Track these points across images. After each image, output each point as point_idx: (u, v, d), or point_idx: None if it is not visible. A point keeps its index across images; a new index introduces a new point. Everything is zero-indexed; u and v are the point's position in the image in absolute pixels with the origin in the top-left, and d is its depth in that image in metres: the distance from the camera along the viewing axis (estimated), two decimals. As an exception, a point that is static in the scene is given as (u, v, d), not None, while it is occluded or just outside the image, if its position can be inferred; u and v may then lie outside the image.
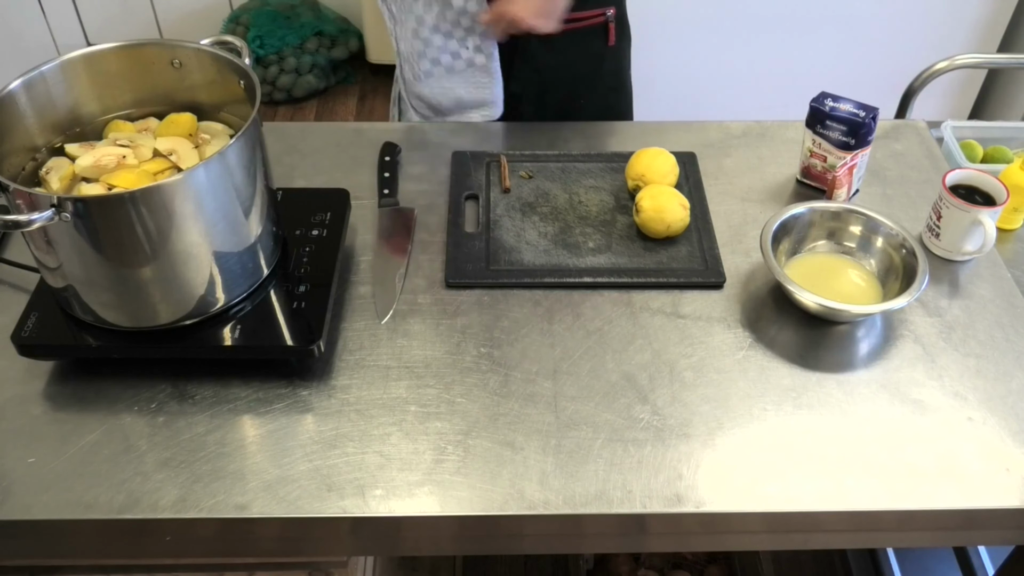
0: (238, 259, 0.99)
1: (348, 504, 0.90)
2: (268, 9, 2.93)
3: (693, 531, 0.94)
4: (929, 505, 0.91)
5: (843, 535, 0.97)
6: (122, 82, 1.05)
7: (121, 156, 0.99)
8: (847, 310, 1.05)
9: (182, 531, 0.90)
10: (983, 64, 2.07)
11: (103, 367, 1.01)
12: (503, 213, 1.22)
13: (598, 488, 0.91)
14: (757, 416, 0.98)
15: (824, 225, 1.16)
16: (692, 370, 1.02)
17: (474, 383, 1.01)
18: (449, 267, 1.13)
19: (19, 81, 0.97)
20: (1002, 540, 1.06)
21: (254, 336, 0.99)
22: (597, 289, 1.12)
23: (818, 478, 0.92)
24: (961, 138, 1.45)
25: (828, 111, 1.21)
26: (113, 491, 0.90)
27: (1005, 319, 1.09)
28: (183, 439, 0.95)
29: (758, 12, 2.49)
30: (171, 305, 0.97)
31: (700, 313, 1.09)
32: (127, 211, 0.88)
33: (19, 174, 0.99)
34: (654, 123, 1.44)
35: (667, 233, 1.16)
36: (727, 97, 2.65)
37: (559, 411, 0.98)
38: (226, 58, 1.02)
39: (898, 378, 1.02)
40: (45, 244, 0.91)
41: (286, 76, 2.93)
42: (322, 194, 1.17)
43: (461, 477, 0.92)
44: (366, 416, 0.97)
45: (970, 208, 1.12)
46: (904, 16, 2.50)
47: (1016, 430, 0.97)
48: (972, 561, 1.40)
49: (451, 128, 1.40)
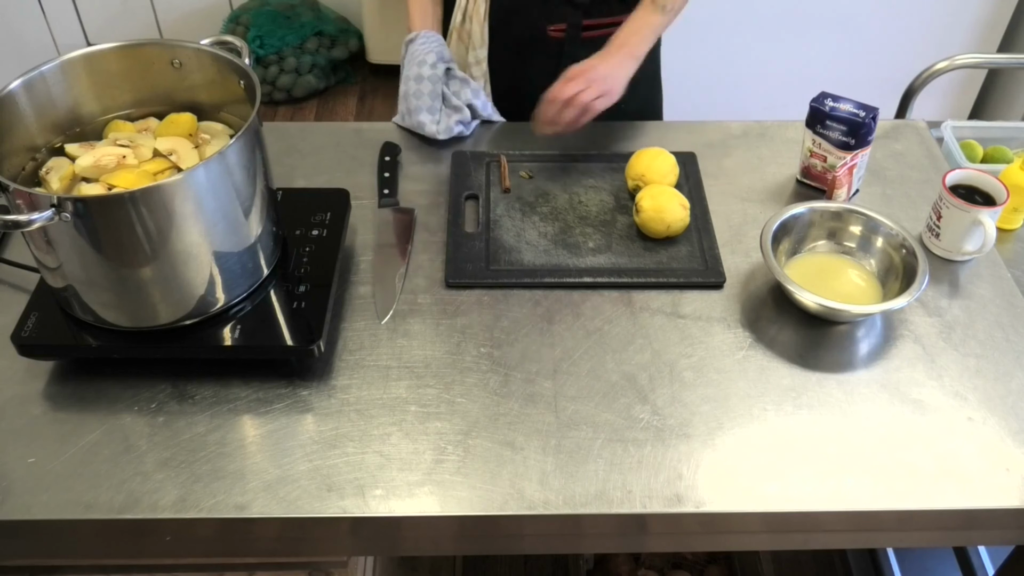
0: (238, 259, 0.99)
1: (348, 504, 0.90)
2: (268, 9, 2.93)
3: (693, 531, 0.94)
4: (929, 505, 0.91)
5: (843, 535, 0.97)
6: (122, 82, 1.05)
7: (121, 156, 0.99)
8: (847, 310, 1.05)
9: (182, 531, 0.90)
10: (983, 64, 2.07)
11: (103, 367, 1.01)
12: (503, 213, 1.22)
13: (598, 488, 0.91)
14: (757, 416, 0.98)
15: (824, 225, 1.16)
16: (692, 370, 1.02)
17: (474, 383, 1.01)
18: (449, 267, 1.13)
19: (19, 81, 0.97)
20: (1002, 540, 1.06)
21: (254, 336, 0.99)
22: (597, 289, 1.12)
23: (818, 478, 0.92)
24: (961, 138, 1.45)
25: (828, 111, 1.21)
26: (113, 491, 0.90)
27: (1005, 319, 1.09)
28: (183, 439, 0.95)
29: (758, 12, 2.49)
30: (171, 305, 0.97)
31: (700, 313, 1.09)
32: (127, 211, 0.88)
33: (19, 174, 0.99)
34: (654, 123, 1.45)
35: (667, 233, 1.16)
36: (727, 97, 2.65)
37: (559, 411, 0.98)
38: (226, 58, 1.02)
39: (898, 378, 1.02)
40: (45, 244, 0.91)
41: (286, 76, 2.93)
42: (322, 194, 1.17)
43: (461, 477, 0.92)
44: (366, 416, 0.97)
45: (970, 208, 1.12)
46: (904, 16, 2.50)
47: (1016, 430, 0.97)
48: (972, 561, 1.40)
49: (451, 128, 1.40)
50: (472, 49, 1.42)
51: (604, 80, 1.22)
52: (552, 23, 1.38)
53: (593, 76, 1.22)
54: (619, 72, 1.24)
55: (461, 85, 1.36)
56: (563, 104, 1.21)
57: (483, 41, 1.41)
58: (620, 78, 1.24)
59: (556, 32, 1.38)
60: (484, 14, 1.39)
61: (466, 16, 1.41)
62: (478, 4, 1.39)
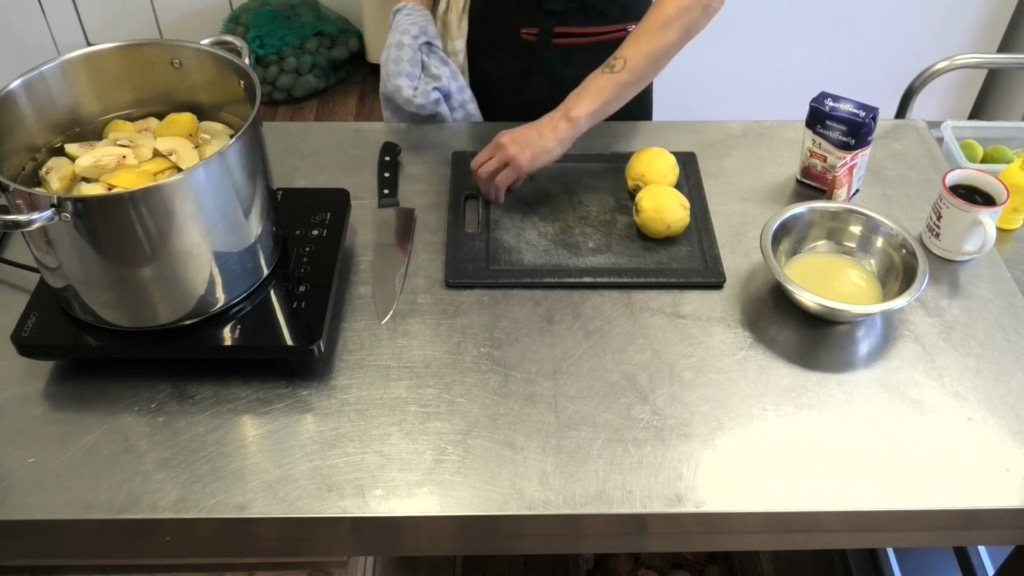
0: (238, 259, 0.99)
1: (348, 504, 0.90)
2: (268, 9, 2.93)
3: (693, 531, 0.94)
4: (929, 505, 0.91)
5: (843, 535, 0.97)
6: (122, 82, 1.05)
7: (121, 156, 0.99)
8: (847, 310, 1.05)
9: (182, 531, 0.90)
10: (983, 64, 2.07)
11: (103, 367, 1.01)
12: (503, 213, 1.22)
13: (598, 488, 0.91)
14: (757, 416, 0.98)
15: (824, 225, 1.16)
16: (692, 370, 1.02)
17: (474, 383, 1.01)
18: (449, 267, 1.13)
19: (19, 81, 0.97)
20: (1002, 540, 1.06)
21: (254, 336, 0.99)
22: (597, 289, 1.12)
23: (818, 478, 0.92)
24: (961, 138, 1.45)
25: (828, 111, 1.21)
26: (113, 491, 0.90)
27: (1005, 319, 1.09)
28: (183, 439, 0.95)
29: (758, 12, 2.49)
30: (171, 305, 0.97)
31: (700, 313, 1.09)
32: (127, 211, 0.88)
33: (19, 174, 0.99)
34: (654, 123, 1.45)
35: (667, 233, 1.16)
36: (727, 97, 2.65)
37: (559, 411, 0.98)
38: (226, 58, 1.02)
39: (898, 378, 1.02)
40: (45, 244, 0.91)
41: (286, 76, 2.92)
42: (322, 194, 1.17)
43: (461, 477, 0.92)
44: (366, 416, 0.97)
45: (970, 208, 1.12)
46: (904, 16, 2.50)
47: (1016, 430, 0.97)
48: (972, 561, 1.40)
49: (451, 128, 1.41)
50: (450, 40, 1.42)
51: (518, 146, 1.16)
52: (526, 26, 1.38)
53: (504, 142, 1.18)
54: (543, 139, 1.16)
55: (440, 64, 1.36)
56: (477, 174, 1.21)
57: (461, 33, 1.41)
58: (540, 146, 1.16)
59: (529, 35, 1.38)
60: (464, 6, 1.40)
61: (449, 6, 1.41)
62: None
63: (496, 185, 1.20)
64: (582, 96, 1.17)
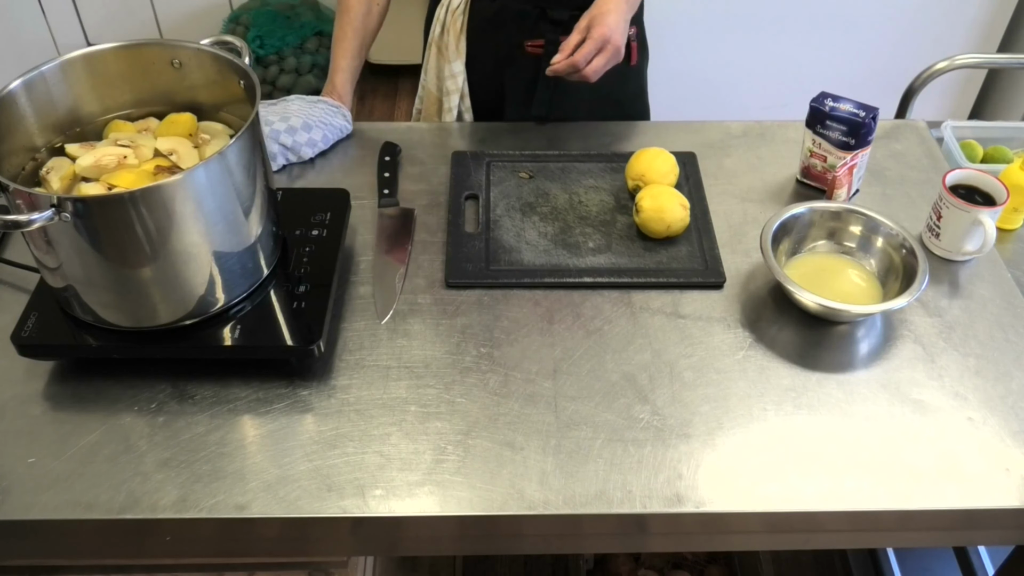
0: (238, 259, 0.99)
1: (348, 504, 0.90)
2: (268, 9, 2.93)
3: (693, 531, 0.94)
4: (929, 505, 0.91)
5: (843, 535, 0.97)
6: (122, 82, 1.05)
7: (121, 156, 0.99)
8: (847, 310, 1.05)
9: (182, 531, 0.90)
10: (983, 64, 2.07)
11: (103, 367, 1.01)
12: (503, 213, 1.22)
13: (598, 488, 0.91)
14: (757, 416, 0.98)
15: (824, 225, 1.16)
16: (692, 370, 1.02)
17: (474, 383, 1.01)
18: (449, 267, 1.13)
19: (19, 81, 0.97)
20: (1002, 540, 1.06)
21: (254, 336, 0.99)
22: (597, 289, 1.12)
23: (818, 478, 0.92)
24: (961, 138, 1.45)
25: (828, 111, 1.21)
26: (113, 491, 0.90)
27: (1005, 319, 1.09)
28: (183, 439, 0.95)
29: (758, 12, 2.49)
30: (171, 305, 0.97)
31: (700, 313, 1.09)
32: (127, 211, 0.88)
33: (19, 174, 0.99)
34: (654, 123, 1.45)
35: (667, 233, 1.16)
36: (727, 97, 2.65)
37: (559, 411, 0.98)
38: (226, 58, 1.02)
39: (898, 378, 1.02)
40: (45, 244, 0.91)
41: (286, 76, 2.92)
42: (322, 194, 1.17)
43: (461, 477, 0.92)
44: (366, 416, 0.97)
45: (970, 208, 1.12)
46: (904, 16, 2.50)
47: (1016, 430, 0.97)
48: (972, 561, 1.40)
49: (451, 128, 1.41)
50: (447, 63, 1.42)
51: (607, 28, 1.21)
52: (530, 39, 1.37)
53: (602, 36, 1.21)
54: (622, 25, 1.23)
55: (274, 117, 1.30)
56: (572, 62, 1.22)
57: (459, 55, 1.41)
58: (622, 31, 1.23)
59: (534, 48, 1.38)
60: (461, 27, 1.39)
61: (444, 29, 1.41)
62: (455, 17, 1.39)
63: (595, 70, 1.21)
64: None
